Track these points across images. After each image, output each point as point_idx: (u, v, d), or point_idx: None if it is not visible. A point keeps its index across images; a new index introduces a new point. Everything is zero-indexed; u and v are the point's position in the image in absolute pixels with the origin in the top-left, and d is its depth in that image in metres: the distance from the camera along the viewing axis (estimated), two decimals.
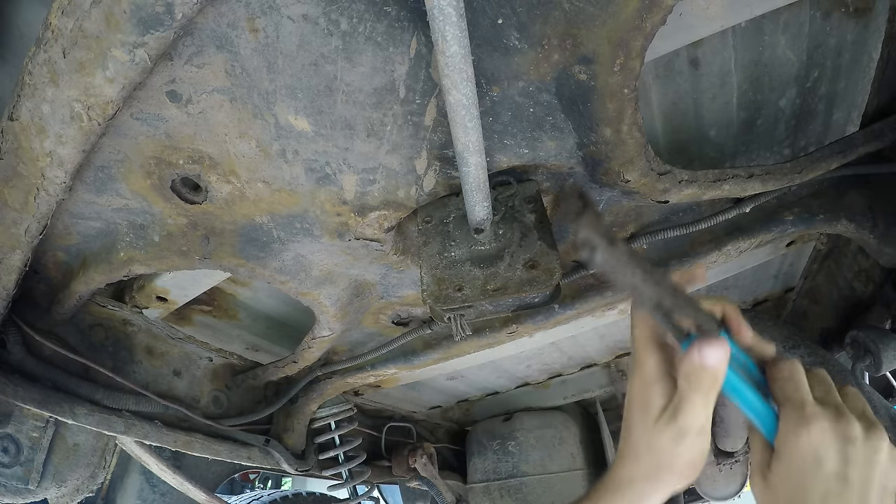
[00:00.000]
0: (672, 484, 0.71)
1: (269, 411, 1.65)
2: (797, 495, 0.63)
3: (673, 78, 0.98)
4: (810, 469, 0.63)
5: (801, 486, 0.64)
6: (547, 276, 0.79)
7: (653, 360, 0.71)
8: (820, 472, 0.63)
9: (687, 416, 0.66)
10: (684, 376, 0.65)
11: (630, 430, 0.72)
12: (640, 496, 0.72)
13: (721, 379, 0.65)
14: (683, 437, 0.67)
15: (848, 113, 1.08)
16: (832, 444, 0.63)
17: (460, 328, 0.89)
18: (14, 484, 1.24)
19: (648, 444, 0.69)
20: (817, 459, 0.64)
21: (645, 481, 0.71)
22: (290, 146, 0.79)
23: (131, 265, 0.96)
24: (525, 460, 2.45)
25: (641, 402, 0.71)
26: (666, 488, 0.71)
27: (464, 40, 0.55)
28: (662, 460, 0.69)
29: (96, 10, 0.58)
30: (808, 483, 0.63)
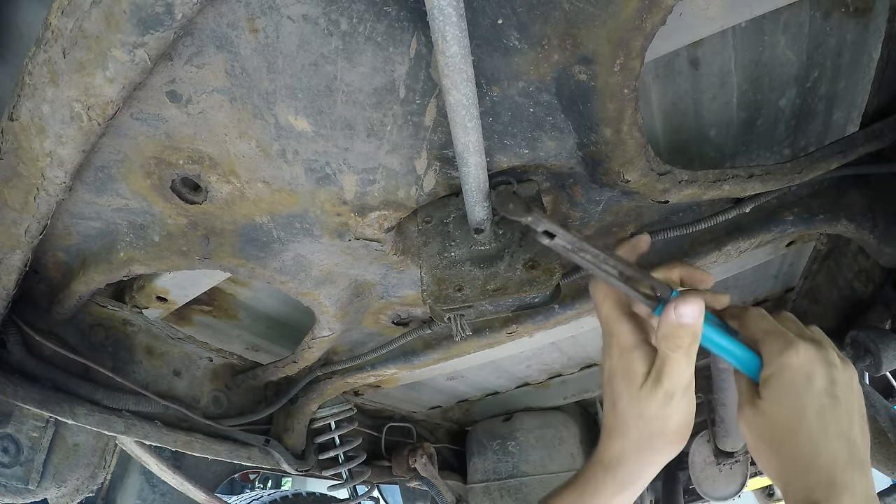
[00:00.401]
0: (663, 452, 0.70)
1: (269, 411, 1.65)
2: (794, 413, 0.64)
3: (673, 78, 0.98)
4: (803, 386, 0.65)
5: (796, 403, 0.65)
6: (547, 276, 0.79)
7: (626, 328, 0.71)
8: (812, 388, 0.65)
9: (672, 376, 0.66)
10: (664, 338, 0.65)
11: (615, 403, 0.71)
12: (631, 473, 0.71)
13: (699, 333, 0.66)
14: (671, 399, 0.67)
15: (848, 113, 1.08)
16: (819, 365, 0.65)
17: (460, 328, 0.89)
18: (14, 484, 1.24)
19: (637, 412, 0.69)
20: (808, 377, 0.65)
21: (636, 454, 0.70)
22: (290, 146, 0.79)
23: (131, 265, 0.96)
24: (525, 460, 2.45)
25: (623, 372, 0.70)
26: (657, 458, 0.71)
27: (464, 40, 0.55)
28: (653, 426, 0.68)
29: (96, 10, 0.58)
30: (803, 399, 0.64)
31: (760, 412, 0.67)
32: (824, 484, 0.61)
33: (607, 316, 0.73)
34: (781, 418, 0.65)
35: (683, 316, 0.64)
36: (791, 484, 0.64)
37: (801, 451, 0.64)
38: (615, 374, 0.71)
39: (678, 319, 0.64)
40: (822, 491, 0.61)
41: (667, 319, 0.65)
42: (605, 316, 0.74)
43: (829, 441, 0.63)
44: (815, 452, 0.63)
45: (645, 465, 0.71)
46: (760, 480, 4.94)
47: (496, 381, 2.31)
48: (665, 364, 0.67)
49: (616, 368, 0.71)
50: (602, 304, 0.74)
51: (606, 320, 0.74)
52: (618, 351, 0.71)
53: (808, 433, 0.63)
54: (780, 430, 0.65)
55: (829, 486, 0.61)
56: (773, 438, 0.66)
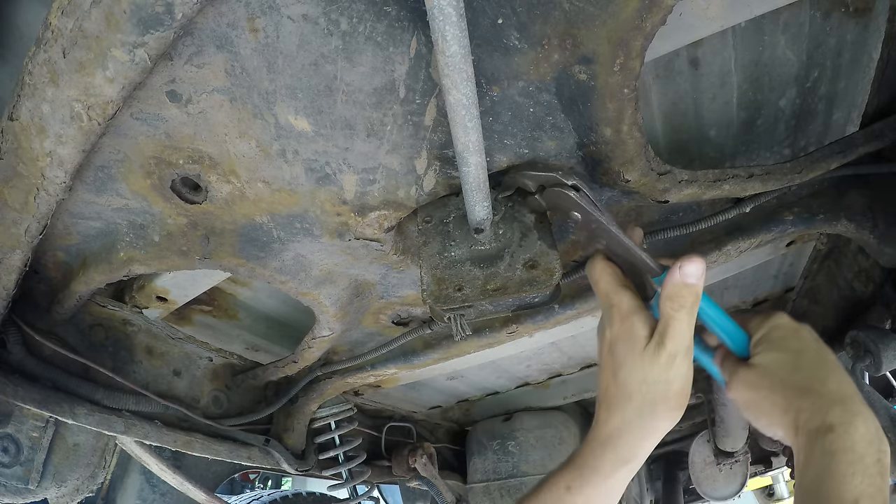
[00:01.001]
0: (665, 419, 0.72)
1: (269, 411, 1.65)
2: (794, 353, 0.69)
3: (673, 78, 0.98)
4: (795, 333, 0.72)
5: (794, 345, 0.70)
6: (547, 276, 0.79)
7: (625, 296, 0.75)
8: (804, 333, 0.72)
9: (675, 336, 0.69)
10: (668, 297, 0.69)
11: (616, 372, 0.73)
12: (631, 445, 0.72)
13: (700, 294, 0.70)
14: (673, 360, 0.70)
15: (848, 113, 1.08)
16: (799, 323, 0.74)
17: (460, 328, 0.89)
18: (14, 484, 1.24)
19: (641, 377, 0.71)
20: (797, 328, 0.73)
21: (638, 421, 0.72)
22: (290, 146, 0.79)
23: (131, 265, 0.96)
24: (525, 460, 2.45)
25: (626, 336, 0.73)
26: (658, 426, 0.72)
27: (464, 40, 0.55)
28: (656, 391, 0.70)
29: (96, 10, 0.58)
30: (799, 342, 0.71)
31: (756, 367, 0.71)
32: (838, 407, 0.62)
33: (606, 289, 0.77)
34: (782, 362, 0.69)
35: (688, 276, 0.68)
36: (802, 412, 0.65)
37: (810, 380, 0.66)
38: (617, 341, 0.73)
39: (683, 279, 0.68)
40: (836, 414, 0.62)
41: (672, 279, 0.69)
42: (604, 288, 0.77)
43: (834, 370, 0.67)
44: (823, 380, 0.66)
45: (646, 435, 0.72)
46: (760, 480, 4.94)
47: (496, 381, 2.31)
48: (669, 325, 0.69)
49: (618, 335, 0.73)
50: (600, 278, 0.78)
51: (605, 292, 0.77)
52: (619, 318, 0.74)
53: (813, 363, 0.68)
54: (783, 371, 0.68)
55: (843, 410, 0.62)
56: (773, 383, 0.69)
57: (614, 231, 0.75)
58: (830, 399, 0.64)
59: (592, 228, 0.77)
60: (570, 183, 0.75)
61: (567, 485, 0.74)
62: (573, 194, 0.75)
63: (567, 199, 0.76)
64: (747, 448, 2.74)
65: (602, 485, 0.72)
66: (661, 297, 0.71)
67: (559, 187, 0.76)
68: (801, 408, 0.65)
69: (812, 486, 0.61)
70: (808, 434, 0.63)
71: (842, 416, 0.61)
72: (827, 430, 0.61)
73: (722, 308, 0.77)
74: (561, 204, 0.77)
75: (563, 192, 0.75)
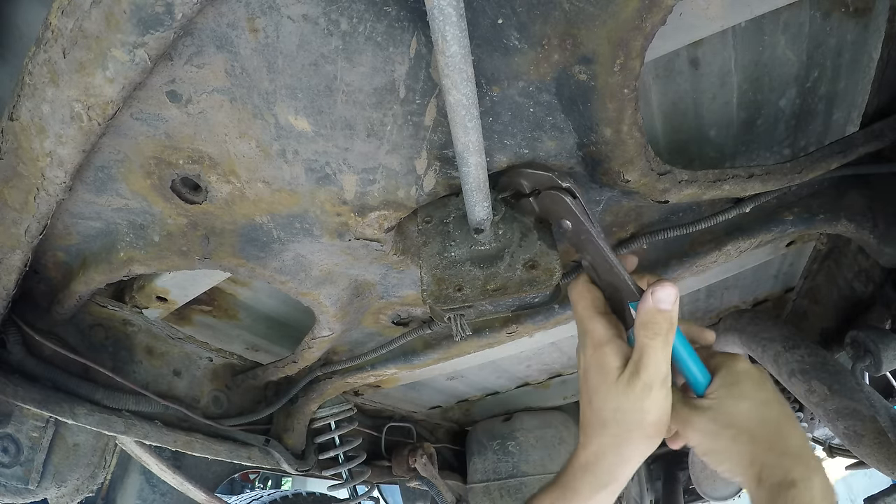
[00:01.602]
0: (641, 447, 0.71)
1: (269, 411, 1.65)
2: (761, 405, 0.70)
3: (673, 78, 0.98)
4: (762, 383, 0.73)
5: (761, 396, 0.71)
6: (547, 276, 0.79)
7: (600, 325, 0.74)
8: (768, 385, 0.73)
9: (650, 366, 0.68)
10: (642, 325, 0.68)
11: (591, 399, 0.73)
12: (609, 471, 0.72)
13: (675, 321, 0.69)
14: (649, 391, 0.68)
15: (848, 113, 1.08)
16: (762, 371, 0.75)
17: (460, 328, 0.89)
18: (14, 484, 1.24)
19: (614, 405, 0.70)
20: (761, 378, 0.74)
21: (614, 449, 0.71)
22: (290, 146, 0.79)
23: (131, 265, 0.96)
24: (525, 460, 2.45)
25: (597, 367, 0.72)
26: (635, 453, 0.72)
27: (464, 40, 0.55)
28: (631, 420, 0.70)
29: (96, 10, 0.58)
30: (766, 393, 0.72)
31: (718, 413, 0.71)
32: (800, 464, 0.66)
33: (582, 314, 0.76)
34: (749, 412, 0.69)
35: (660, 301, 0.67)
36: (767, 467, 0.67)
37: (776, 435, 0.68)
38: (589, 371, 0.73)
39: (655, 305, 0.67)
40: (799, 471, 0.65)
41: (644, 306, 0.68)
42: (580, 314, 0.76)
43: (795, 425, 0.69)
44: (787, 435, 0.68)
45: (622, 461, 0.72)
46: None
47: (496, 381, 2.31)
48: (643, 354, 0.68)
49: (590, 364, 0.73)
50: (578, 302, 0.77)
51: (581, 318, 0.76)
52: (591, 346, 0.73)
53: (778, 417, 0.69)
54: (749, 422, 0.69)
55: (805, 467, 0.65)
56: (738, 433, 0.69)
57: (602, 246, 0.74)
58: (793, 455, 0.67)
59: (581, 240, 0.76)
60: (565, 185, 0.74)
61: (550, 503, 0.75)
62: (568, 199, 0.74)
63: (561, 204, 0.75)
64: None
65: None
66: (636, 325, 0.69)
67: (554, 189, 0.75)
68: (766, 462, 0.67)
69: None
70: (772, 488, 0.66)
71: (803, 473, 0.65)
72: (790, 485, 0.64)
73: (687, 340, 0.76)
74: (554, 209, 0.76)
75: (557, 195, 0.74)
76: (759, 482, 0.67)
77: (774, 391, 0.72)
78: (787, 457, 0.66)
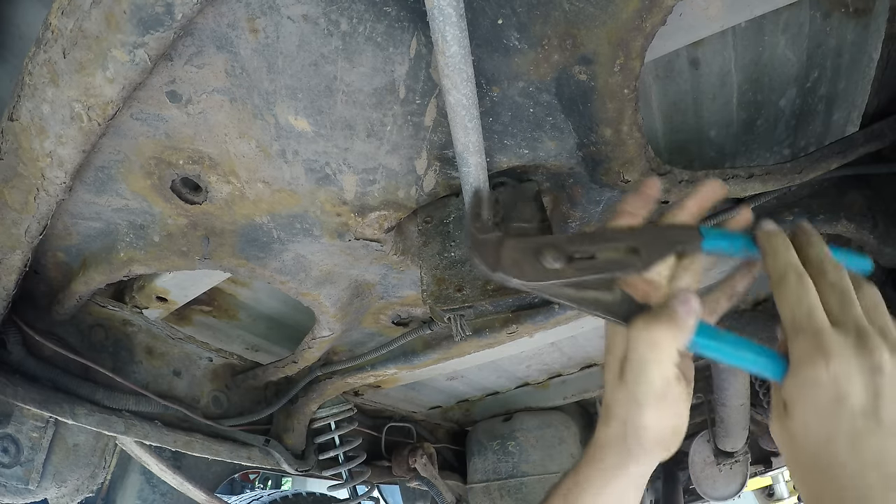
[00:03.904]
0: (641, 458, 0.63)
1: (269, 411, 1.65)
2: (820, 437, 0.52)
3: (673, 78, 0.98)
4: (831, 409, 0.52)
5: (823, 427, 0.52)
6: None
7: None
8: (844, 410, 0.51)
9: (629, 376, 0.59)
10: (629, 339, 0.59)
11: (605, 390, 0.66)
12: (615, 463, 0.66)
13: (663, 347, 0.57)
14: (640, 406, 0.59)
15: (848, 113, 1.08)
16: (857, 378, 0.51)
17: (460, 328, 0.89)
18: (14, 484, 1.24)
19: (610, 403, 0.63)
20: (839, 397, 0.51)
21: (617, 447, 0.65)
22: (290, 146, 0.79)
23: (131, 265, 0.96)
24: (525, 460, 2.45)
25: (607, 350, 0.65)
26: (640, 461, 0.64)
27: (464, 40, 0.55)
28: (627, 428, 0.62)
29: (96, 10, 0.58)
30: (832, 423, 0.52)
31: (786, 430, 0.56)
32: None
33: None
34: (808, 442, 0.54)
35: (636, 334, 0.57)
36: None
37: (828, 481, 0.53)
38: (605, 354, 0.66)
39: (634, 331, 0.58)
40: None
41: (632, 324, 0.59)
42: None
43: (863, 472, 0.51)
44: (843, 486, 0.51)
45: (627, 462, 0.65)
46: (760, 480, 4.95)
47: (496, 381, 2.31)
48: (627, 360, 0.60)
49: (606, 347, 0.66)
50: None
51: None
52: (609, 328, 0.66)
53: (837, 463, 0.52)
54: (806, 455, 0.54)
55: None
56: (798, 462, 0.56)
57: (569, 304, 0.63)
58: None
59: None
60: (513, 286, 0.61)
61: (564, 493, 0.70)
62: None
63: None
64: (747, 448, 2.74)
65: (597, 499, 0.68)
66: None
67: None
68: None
69: None
70: None
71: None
72: None
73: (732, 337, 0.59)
74: None
75: None
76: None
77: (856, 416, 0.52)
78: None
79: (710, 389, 2.26)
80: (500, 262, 0.60)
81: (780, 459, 3.18)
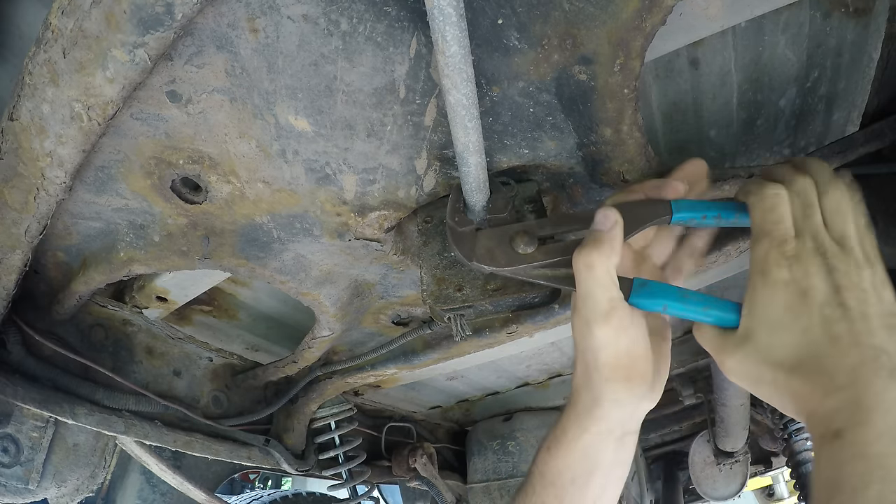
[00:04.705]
0: (607, 391, 0.64)
1: (269, 411, 1.65)
2: (793, 338, 0.54)
3: (673, 78, 0.99)
4: (800, 303, 0.54)
5: (793, 325, 0.54)
6: None
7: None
8: (810, 303, 0.54)
9: (579, 303, 0.62)
10: (576, 253, 0.62)
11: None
12: (586, 410, 0.67)
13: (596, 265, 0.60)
14: (589, 327, 0.61)
15: (848, 113, 1.08)
16: (816, 276, 0.54)
17: (460, 328, 0.89)
18: (14, 484, 1.24)
19: (574, 341, 0.65)
20: (804, 292, 0.54)
21: (583, 384, 0.66)
22: (290, 146, 0.79)
23: (131, 265, 0.96)
24: (525, 460, 2.45)
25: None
26: (599, 396, 0.64)
27: (464, 40, 0.55)
28: (588, 360, 0.64)
29: (96, 10, 0.58)
30: (801, 320, 0.54)
31: (750, 353, 0.56)
32: (847, 406, 0.49)
33: None
34: (780, 350, 0.54)
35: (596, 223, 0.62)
36: (813, 416, 0.52)
37: (813, 378, 0.52)
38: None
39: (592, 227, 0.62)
40: (845, 416, 0.49)
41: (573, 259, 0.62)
42: None
43: (845, 354, 0.51)
44: (830, 373, 0.51)
45: (594, 404, 0.66)
46: (760, 480, 4.95)
47: (496, 381, 2.31)
48: (576, 295, 0.62)
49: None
50: None
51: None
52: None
53: (816, 354, 0.52)
54: (783, 364, 0.54)
55: (855, 408, 0.48)
56: (775, 377, 0.55)
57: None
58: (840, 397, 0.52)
59: None
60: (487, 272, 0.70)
61: (548, 446, 0.72)
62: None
63: None
64: (747, 448, 2.74)
65: (573, 447, 0.68)
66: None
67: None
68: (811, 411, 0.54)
69: None
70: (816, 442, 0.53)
71: (853, 417, 0.50)
72: (833, 437, 0.50)
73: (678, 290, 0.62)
74: None
75: None
76: (811, 434, 0.53)
77: (823, 306, 0.53)
78: (830, 398, 0.50)
79: (711, 389, 2.27)
80: (475, 251, 0.65)
81: (780, 459, 3.18)
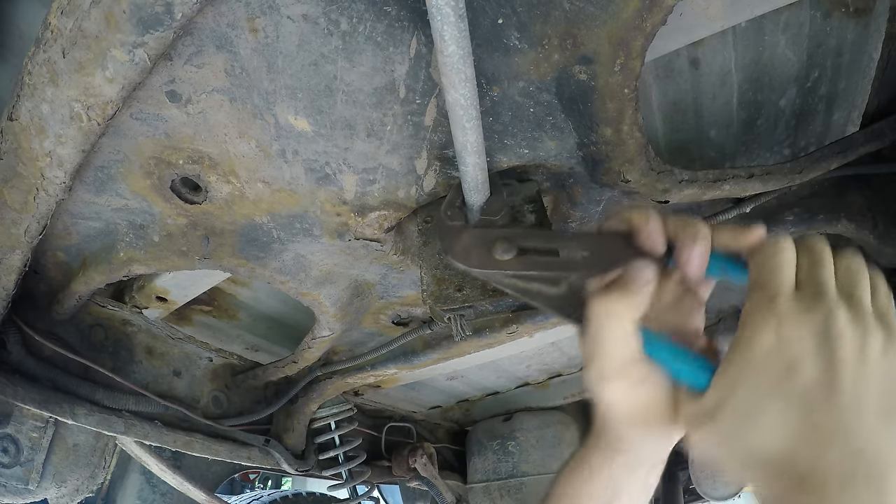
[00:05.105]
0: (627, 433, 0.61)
1: (269, 411, 1.65)
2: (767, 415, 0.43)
3: (673, 78, 0.98)
4: (780, 380, 0.43)
5: (771, 402, 0.43)
6: None
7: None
8: (795, 380, 0.42)
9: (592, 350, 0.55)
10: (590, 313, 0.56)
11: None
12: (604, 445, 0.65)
13: (618, 316, 0.53)
14: (603, 381, 0.55)
15: (848, 113, 1.08)
16: (809, 342, 0.43)
17: (460, 328, 0.89)
18: (14, 484, 1.24)
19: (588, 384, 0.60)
20: (789, 365, 0.43)
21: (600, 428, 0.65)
22: (290, 146, 0.79)
23: (131, 265, 0.96)
24: (525, 460, 2.45)
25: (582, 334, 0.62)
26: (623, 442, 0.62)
27: (463, 40, 0.55)
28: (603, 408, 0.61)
29: (96, 10, 0.58)
30: (781, 398, 0.43)
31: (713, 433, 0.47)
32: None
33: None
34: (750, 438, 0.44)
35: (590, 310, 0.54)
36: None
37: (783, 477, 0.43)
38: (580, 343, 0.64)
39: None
40: None
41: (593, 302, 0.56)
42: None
43: (820, 454, 0.42)
44: (801, 472, 0.42)
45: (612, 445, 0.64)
46: None
47: (496, 381, 2.31)
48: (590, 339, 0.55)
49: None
50: None
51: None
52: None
53: (790, 447, 0.43)
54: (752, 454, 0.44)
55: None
56: (744, 465, 0.46)
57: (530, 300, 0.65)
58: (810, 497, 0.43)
59: None
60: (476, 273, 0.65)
61: (567, 474, 0.70)
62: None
63: None
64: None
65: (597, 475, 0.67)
66: None
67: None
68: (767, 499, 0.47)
69: None
70: None
71: None
72: None
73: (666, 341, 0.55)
74: None
75: None
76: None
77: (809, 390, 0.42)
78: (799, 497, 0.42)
79: None
80: (454, 247, 0.66)
81: None
